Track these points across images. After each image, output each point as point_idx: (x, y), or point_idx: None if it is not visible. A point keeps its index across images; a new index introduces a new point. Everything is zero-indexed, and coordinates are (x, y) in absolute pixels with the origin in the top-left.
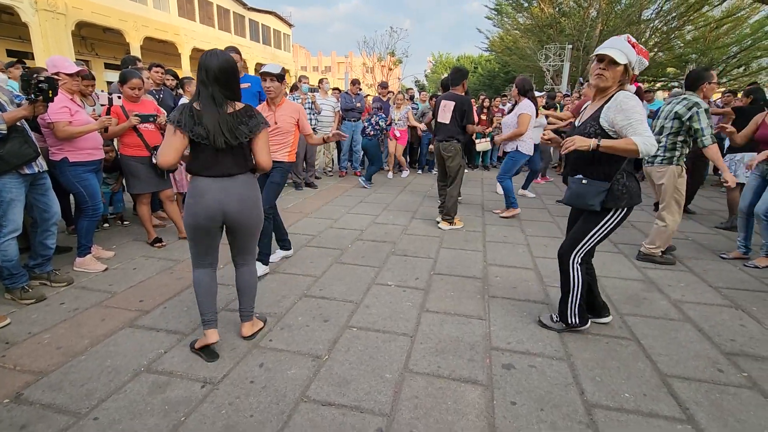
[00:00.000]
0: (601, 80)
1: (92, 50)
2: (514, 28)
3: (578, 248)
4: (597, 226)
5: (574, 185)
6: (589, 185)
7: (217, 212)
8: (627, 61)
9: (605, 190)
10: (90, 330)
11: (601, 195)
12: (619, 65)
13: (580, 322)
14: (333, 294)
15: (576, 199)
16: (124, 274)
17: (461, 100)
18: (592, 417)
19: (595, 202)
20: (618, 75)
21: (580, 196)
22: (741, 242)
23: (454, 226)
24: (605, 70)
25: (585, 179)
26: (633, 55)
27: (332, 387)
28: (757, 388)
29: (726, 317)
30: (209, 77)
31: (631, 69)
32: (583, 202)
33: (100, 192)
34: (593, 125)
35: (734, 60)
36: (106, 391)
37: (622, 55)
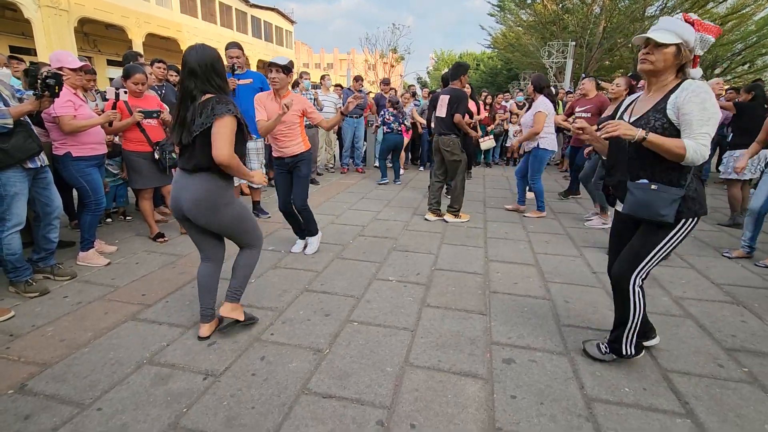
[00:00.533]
0: (645, 64)
1: (95, 47)
2: (516, 25)
3: (641, 268)
4: (664, 240)
5: (639, 192)
6: (660, 192)
7: (175, 206)
8: (679, 41)
9: (679, 198)
10: (93, 323)
11: (676, 204)
12: (667, 47)
13: (636, 352)
14: (334, 289)
15: (642, 209)
16: (127, 269)
17: (455, 93)
18: (591, 411)
19: (669, 213)
20: (669, 58)
21: (647, 205)
22: (746, 242)
23: (460, 219)
24: (649, 53)
25: (654, 184)
26: (689, 33)
27: (333, 380)
28: (757, 383)
29: (727, 313)
30: (184, 71)
31: (687, 50)
32: (654, 212)
33: (103, 186)
34: (658, 118)
35: (739, 57)
36: (110, 383)
37: (670, 35)
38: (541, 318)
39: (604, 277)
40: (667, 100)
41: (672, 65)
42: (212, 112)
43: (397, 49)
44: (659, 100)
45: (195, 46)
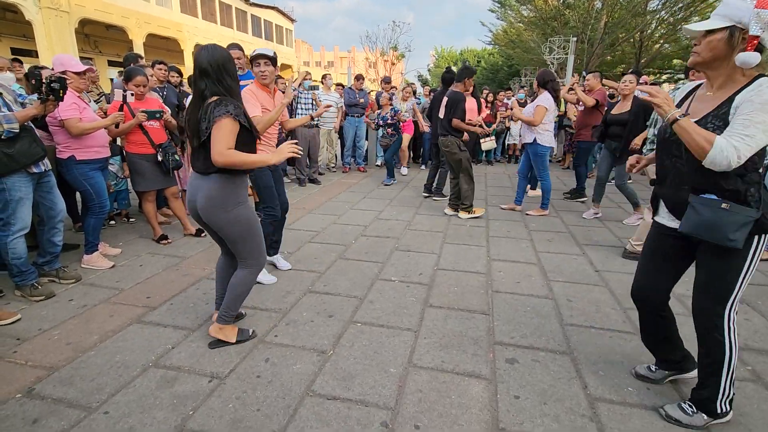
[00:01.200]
0: (694, 56)
1: (95, 48)
2: (517, 21)
3: (731, 301)
4: (746, 263)
5: (707, 210)
6: (732, 212)
7: (192, 207)
8: (729, 24)
9: (753, 220)
10: (99, 326)
11: (748, 226)
12: (714, 33)
13: (730, 407)
14: (337, 289)
15: (707, 231)
16: (131, 271)
17: (452, 96)
18: (595, 410)
19: (739, 237)
20: (717, 45)
21: (716, 226)
22: None
23: (474, 214)
24: (697, 44)
25: (725, 203)
26: (742, 12)
27: (337, 381)
28: (760, 381)
29: None
30: (196, 72)
31: (739, 32)
32: (721, 235)
33: (106, 189)
34: (717, 126)
35: None
36: (116, 386)
37: (717, 19)
38: (543, 317)
39: (607, 276)
40: (731, 103)
41: (725, 54)
42: (212, 115)
43: (398, 46)
44: (723, 102)
45: (207, 46)
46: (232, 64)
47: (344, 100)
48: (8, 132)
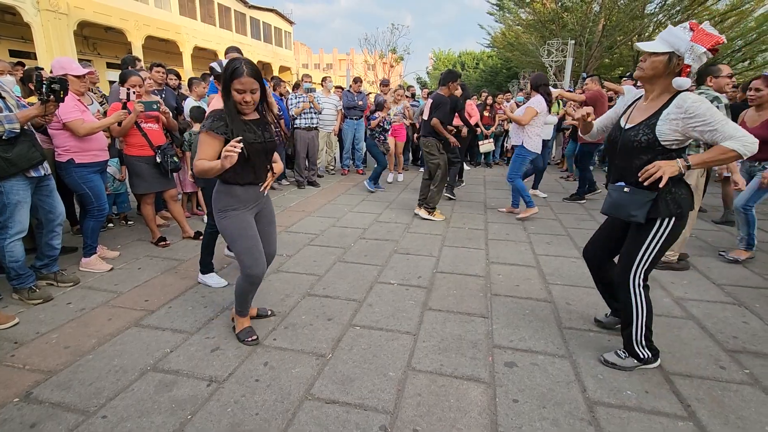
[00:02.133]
0: (638, 71)
1: (94, 50)
2: (516, 24)
3: (635, 268)
4: (647, 240)
5: (615, 194)
6: (633, 194)
7: None
8: (670, 50)
9: (651, 200)
10: (97, 329)
11: (647, 205)
12: (658, 55)
13: (653, 355)
14: (336, 292)
15: (616, 210)
16: (129, 274)
17: (435, 98)
18: (594, 414)
19: (639, 214)
20: (659, 66)
21: (621, 206)
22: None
23: (434, 217)
24: (642, 61)
25: (627, 187)
26: (681, 43)
27: (336, 385)
28: (758, 385)
29: (729, 314)
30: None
31: (676, 58)
32: (625, 212)
33: (105, 192)
34: (647, 133)
35: (739, 54)
36: (114, 390)
37: (661, 43)
38: (542, 320)
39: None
40: (658, 117)
41: (662, 74)
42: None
43: (397, 49)
44: (652, 114)
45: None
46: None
47: (343, 102)
48: (9, 132)
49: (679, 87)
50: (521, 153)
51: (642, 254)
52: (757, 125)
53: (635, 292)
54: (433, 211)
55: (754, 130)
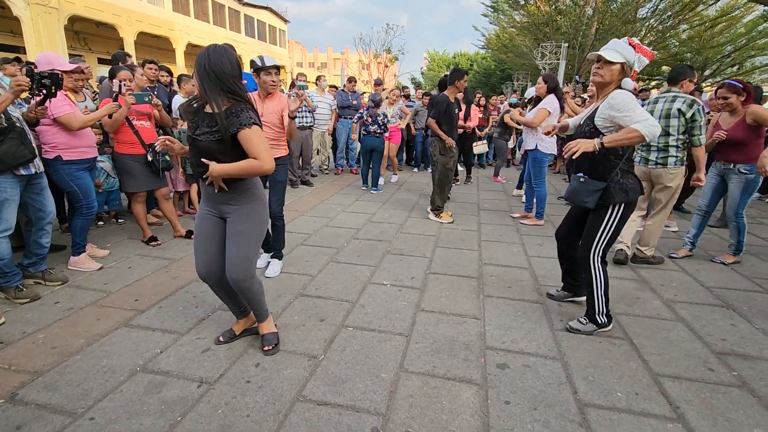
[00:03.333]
0: (597, 77)
1: (85, 45)
2: (510, 26)
3: (594, 247)
4: (602, 224)
5: (574, 182)
6: (586, 183)
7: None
8: (623, 60)
9: (599, 189)
10: (85, 329)
11: (596, 194)
12: (614, 64)
13: (608, 321)
14: (329, 293)
15: (573, 196)
16: (119, 273)
17: (434, 98)
18: (584, 416)
19: (590, 201)
20: (615, 73)
21: (576, 193)
22: (690, 239)
23: (440, 219)
24: (600, 69)
25: (583, 177)
26: (630, 54)
27: (328, 386)
28: (746, 387)
29: (717, 317)
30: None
31: (629, 67)
32: (579, 199)
33: (94, 190)
34: (588, 124)
35: (728, 59)
36: (102, 391)
37: (617, 55)
38: (534, 322)
39: None
40: (596, 110)
41: (616, 80)
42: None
43: (391, 49)
44: (594, 110)
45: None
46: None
47: (337, 101)
48: None
49: (628, 86)
50: (536, 157)
51: (599, 235)
52: (731, 127)
53: (594, 266)
54: (440, 213)
55: (732, 131)
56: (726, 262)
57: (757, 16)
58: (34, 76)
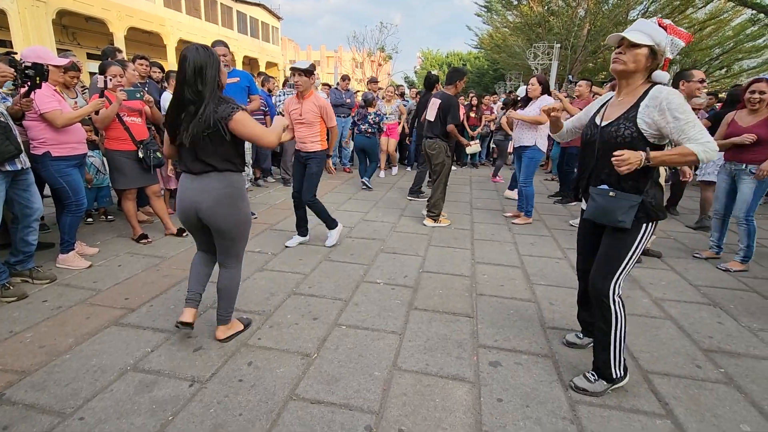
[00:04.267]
0: (618, 64)
1: (74, 39)
2: (503, 26)
3: (617, 277)
4: (632, 246)
5: (600, 198)
6: (619, 199)
7: (189, 210)
8: (651, 43)
9: (636, 204)
10: (74, 328)
11: (633, 210)
12: (640, 47)
13: (625, 373)
14: (322, 292)
15: (602, 215)
16: (109, 271)
17: (447, 99)
18: (576, 413)
19: (626, 219)
20: (641, 59)
21: (607, 211)
22: (714, 242)
23: (439, 224)
24: (622, 53)
25: (612, 191)
26: (661, 36)
27: (321, 385)
28: (733, 383)
29: (705, 315)
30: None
31: (661, 53)
32: (612, 218)
33: (83, 186)
34: (628, 127)
35: (716, 62)
36: (92, 391)
37: (643, 36)
38: (526, 320)
39: None
40: (637, 108)
41: (643, 68)
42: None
43: (385, 48)
44: (630, 107)
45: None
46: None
47: (330, 100)
48: None
49: (661, 81)
50: (533, 156)
51: (625, 263)
52: (754, 125)
53: (615, 302)
54: (438, 218)
55: (754, 128)
56: (731, 269)
57: (745, 20)
58: (17, 66)
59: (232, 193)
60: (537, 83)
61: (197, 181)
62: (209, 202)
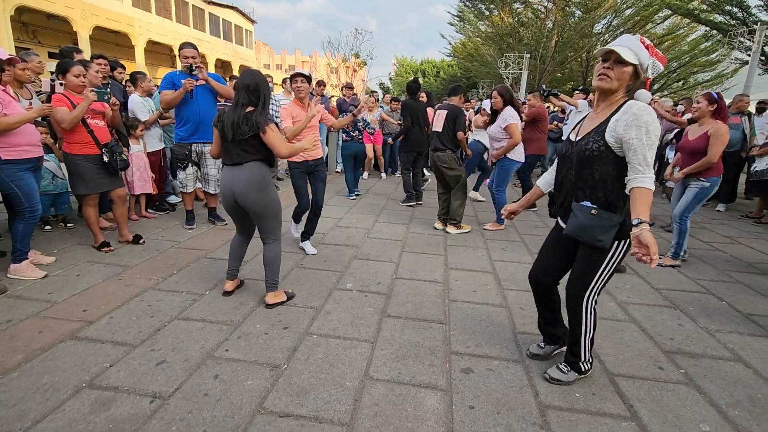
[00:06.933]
0: (604, 81)
1: (34, 38)
2: (475, 35)
3: (590, 290)
4: (604, 263)
5: (582, 215)
6: (600, 218)
7: (228, 196)
8: (637, 62)
9: (617, 224)
10: (25, 343)
11: (613, 229)
12: (627, 65)
13: (591, 365)
14: (293, 300)
15: (583, 232)
16: (66, 282)
17: (454, 109)
18: (545, 418)
19: (605, 239)
20: (625, 77)
21: (587, 229)
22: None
23: (462, 230)
24: (610, 69)
25: (595, 209)
26: (645, 56)
27: (291, 397)
28: (692, 384)
29: (666, 317)
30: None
31: (643, 72)
32: (592, 236)
33: (38, 192)
34: (597, 141)
35: (674, 75)
36: (42, 411)
37: (631, 54)
38: (497, 326)
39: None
40: (608, 123)
41: (625, 86)
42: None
43: (360, 54)
44: (602, 122)
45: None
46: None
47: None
48: None
49: (643, 99)
50: (507, 165)
51: (599, 275)
52: (696, 138)
53: (587, 311)
54: (460, 224)
55: (694, 141)
56: (663, 264)
57: (699, 36)
58: None
59: (260, 179)
60: (498, 95)
61: (234, 170)
62: (241, 188)
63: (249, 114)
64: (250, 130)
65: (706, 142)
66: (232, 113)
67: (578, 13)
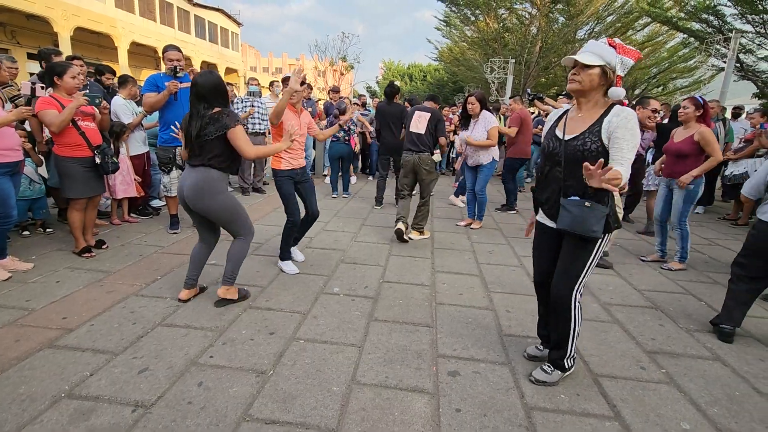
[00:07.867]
0: (574, 84)
1: (12, 38)
2: (461, 40)
3: (578, 284)
4: (591, 254)
5: (576, 209)
6: (593, 209)
7: (180, 195)
8: (602, 63)
9: (606, 214)
10: (0, 353)
11: (603, 219)
12: (592, 68)
13: (573, 362)
14: (280, 305)
15: (577, 225)
16: (45, 288)
17: (436, 114)
18: (531, 420)
19: (599, 229)
20: (595, 78)
21: (582, 221)
22: (658, 246)
23: (424, 236)
24: (576, 74)
25: (588, 202)
26: (611, 56)
27: (277, 404)
28: (673, 383)
29: (648, 318)
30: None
31: (610, 71)
32: (587, 228)
33: (13, 197)
34: (594, 141)
35: (654, 80)
36: (18, 423)
37: (594, 57)
38: (484, 329)
39: None
40: (601, 124)
41: (598, 85)
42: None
43: (347, 57)
44: (594, 123)
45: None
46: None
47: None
48: None
49: (617, 97)
50: (491, 167)
51: (585, 270)
52: (681, 140)
53: (574, 307)
54: (423, 230)
55: (679, 143)
56: (672, 268)
57: (678, 43)
58: None
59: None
60: (476, 101)
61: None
62: (188, 192)
63: (216, 115)
64: (217, 131)
65: (692, 145)
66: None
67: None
